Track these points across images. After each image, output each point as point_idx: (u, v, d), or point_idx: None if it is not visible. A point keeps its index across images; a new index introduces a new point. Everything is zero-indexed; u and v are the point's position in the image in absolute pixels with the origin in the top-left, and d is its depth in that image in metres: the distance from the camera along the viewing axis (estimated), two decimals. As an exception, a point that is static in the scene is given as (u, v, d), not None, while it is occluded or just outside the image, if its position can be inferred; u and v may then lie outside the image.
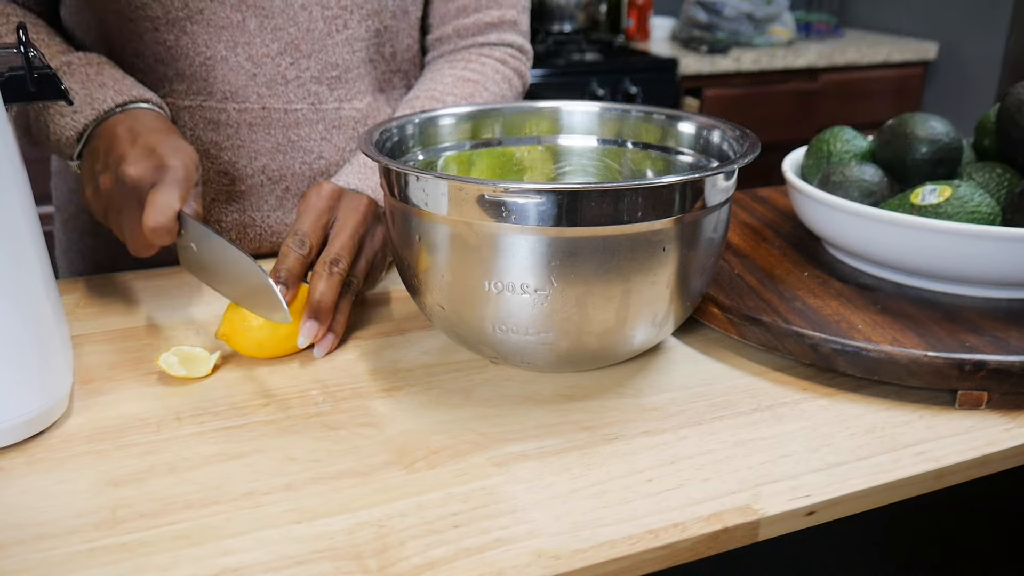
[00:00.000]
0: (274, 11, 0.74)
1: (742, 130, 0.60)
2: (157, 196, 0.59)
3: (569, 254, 0.50)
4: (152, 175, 0.61)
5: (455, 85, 0.81)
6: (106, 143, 0.64)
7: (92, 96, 0.67)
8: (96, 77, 0.68)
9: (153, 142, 0.63)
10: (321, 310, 0.60)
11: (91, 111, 0.67)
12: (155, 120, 0.66)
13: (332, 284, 0.61)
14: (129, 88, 0.69)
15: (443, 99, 0.79)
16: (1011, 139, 0.69)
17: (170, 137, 0.64)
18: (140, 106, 0.68)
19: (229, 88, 0.76)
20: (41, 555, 0.42)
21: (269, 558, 0.42)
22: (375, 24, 0.79)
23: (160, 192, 0.60)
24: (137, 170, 0.61)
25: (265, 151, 0.79)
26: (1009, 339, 0.57)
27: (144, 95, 0.69)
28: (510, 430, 0.53)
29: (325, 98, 0.79)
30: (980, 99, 2.41)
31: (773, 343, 0.59)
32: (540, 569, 0.41)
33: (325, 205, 0.65)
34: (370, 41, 0.80)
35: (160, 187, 0.60)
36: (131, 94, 0.68)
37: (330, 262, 0.62)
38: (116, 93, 0.68)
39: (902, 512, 0.53)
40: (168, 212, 0.59)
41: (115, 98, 0.67)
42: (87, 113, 0.67)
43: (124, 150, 0.62)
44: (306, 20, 0.75)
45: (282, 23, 0.75)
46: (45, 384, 0.51)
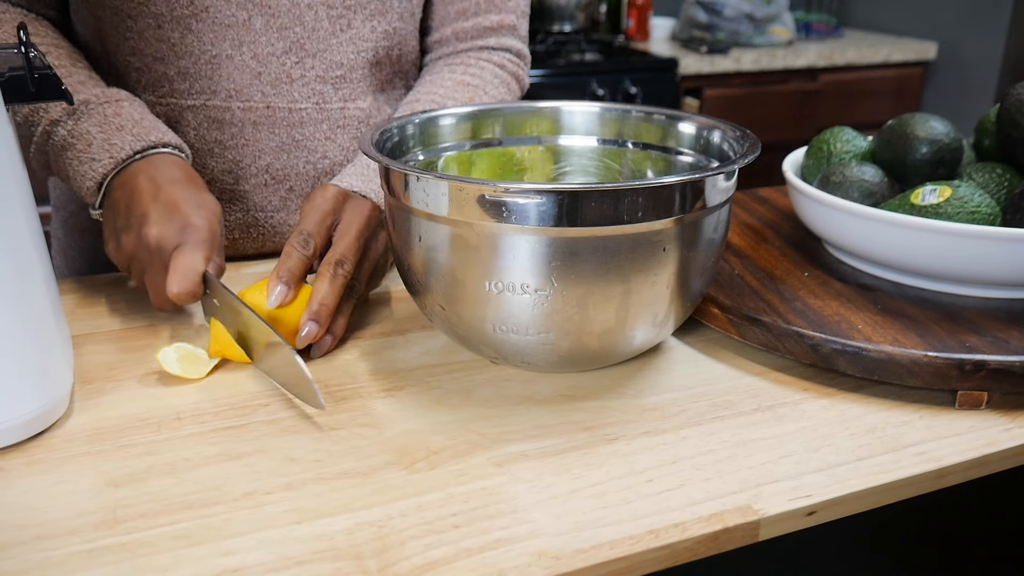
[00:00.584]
0: (280, 10, 0.74)
1: (742, 130, 0.60)
2: (181, 260, 0.59)
3: (569, 254, 0.50)
4: (175, 236, 0.60)
5: (455, 89, 0.81)
6: (127, 197, 0.63)
7: (110, 142, 0.66)
8: (114, 119, 0.67)
9: (176, 197, 0.62)
10: (323, 313, 0.60)
11: (109, 160, 0.65)
12: (176, 169, 0.65)
13: (335, 287, 0.61)
14: (148, 131, 0.67)
15: (443, 103, 0.79)
16: (1011, 139, 0.69)
17: (192, 191, 0.64)
18: (160, 152, 0.67)
19: (234, 87, 0.76)
20: (41, 555, 0.42)
21: (269, 558, 0.42)
22: (382, 25, 0.79)
23: (184, 255, 0.59)
24: (160, 231, 0.60)
25: (269, 150, 0.79)
26: (1009, 339, 0.57)
27: (163, 138, 0.68)
28: (510, 430, 0.53)
29: (330, 98, 0.79)
30: (980, 99, 2.41)
31: (773, 343, 0.59)
32: (540, 569, 0.41)
33: (330, 207, 0.65)
34: (378, 43, 0.80)
35: (184, 250, 0.59)
36: (150, 139, 0.67)
37: (335, 263, 0.62)
38: (134, 139, 0.66)
39: (902, 512, 0.53)
40: (193, 277, 0.59)
41: (133, 144, 0.66)
42: (105, 162, 0.65)
43: (146, 208, 0.62)
44: (312, 19, 0.76)
45: (288, 22, 0.75)
46: (45, 384, 0.51)
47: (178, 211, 0.61)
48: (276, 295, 0.60)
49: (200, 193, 0.64)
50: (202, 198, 0.63)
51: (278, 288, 0.60)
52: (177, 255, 0.59)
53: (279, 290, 0.60)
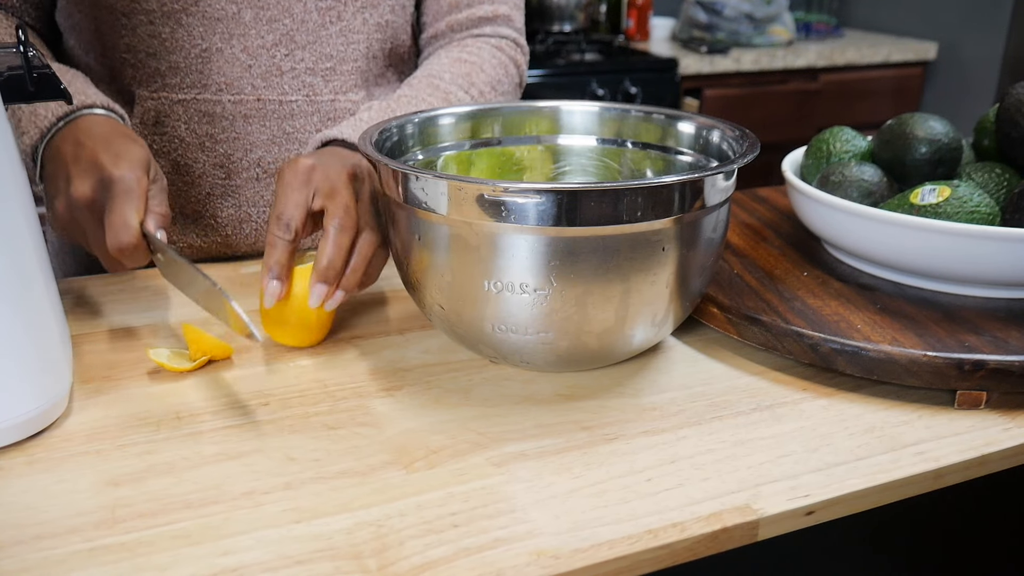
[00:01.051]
0: (269, 2, 0.75)
1: (741, 130, 0.60)
2: (112, 217, 0.57)
3: (569, 254, 0.50)
4: (101, 193, 0.59)
5: (452, 65, 0.81)
6: (54, 166, 0.62)
7: (36, 113, 0.65)
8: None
9: (96, 152, 0.60)
10: (330, 273, 0.58)
11: (35, 130, 0.65)
12: (99, 125, 0.64)
13: (340, 244, 0.59)
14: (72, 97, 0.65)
15: (441, 75, 0.79)
16: (1010, 139, 0.69)
17: (112, 142, 0.61)
18: (85, 113, 0.65)
19: (224, 80, 0.76)
20: (40, 554, 0.42)
21: (268, 558, 0.42)
22: (374, 18, 0.79)
23: (114, 212, 0.57)
24: (84, 190, 0.59)
25: (260, 143, 0.79)
26: (1008, 339, 0.57)
27: (87, 100, 0.66)
28: (510, 430, 0.53)
29: (320, 90, 0.79)
30: (980, 99, 2.41)
31: (773, 343, 0.59)
32: (539, 569, 0.41)
33: (302, 179, 0.61)
34: (370, 35, 0.80)
35: (113, 205, 0.57)
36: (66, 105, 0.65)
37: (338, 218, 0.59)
38: (57, 105, 0.65)
39: (902, 512, 0.53)
40: (129, 230, 0.57)
41: (56, 111, 0.65)
42: (32, 133, 0.65)
43: (68, 170, 0.60)
44: (301, 11, 0.76)
45: (277, 14, 0.75)
46: (45, 384, 0.51)
47: (97, 166, 0.59)
48: (270, 293, 0.58)
49: (124, 144, 0.61)
50: (123, 148, 0.61)
51: (271, 284, 0.58)
52: (108, 211, 0.58)
53: (272, 287, 0.58)
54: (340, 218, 0.59)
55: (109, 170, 0.59)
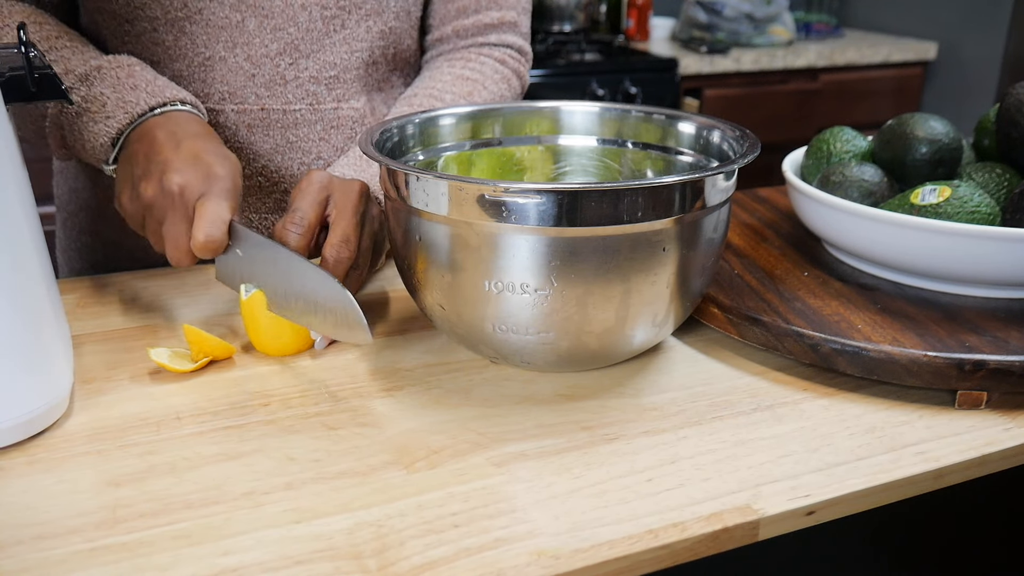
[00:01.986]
0: (274, 11, 0.74)
1: (742, 130, 0.60)
2: (207, 207, 0.58)
3: (569, 254, 0.50)
4: (200, 184, 0.59)
5: (454, 83, 0.81)
6: (146, 147, 0.62)
7: (124, 100, 0.65)
8: (127, 80, 0.67)
9: (198, 148, 0.61)
10: None
11: (124, 115, 0.65)
12: (194, 124, 0.65)
13: (340, 270, 0.60)
14: (162, 89, 0.67)
15: (442, 97, 0.79)
16: (1011, 139, 0.69)
17: (213, 143, 0.63)
18: (177, 107, 0.66)
19: (227, 89, 0.76)
20: (41, 555, 0.42)
21: (269, 558, 0.42)
22: (378, 25, 0.79)
23: (210, 203, 0.58)
24: (184, 178, 0.59)
25: (264, 152, 0.78)
26: (1009, 339, 0.57)
27: (178, 95, 0.67)
28: (510, 430, 0.53)
29: (323, 98, 0.79)
30: (980, 99, 2.41)
31: (773, 343, 0.59)
32: (540, 569, 0.41)
33: (319, 186, 0.63)
34: (373, 43, 0.79)
35: (210, 198, 0.58)
36: (165, 95, 0.66)
37: (337, 245, 0.61)
38: (149, 95, 0.66)
39: (902, 512, 0.53)
40: (221, 225, 0.58)
41: (148, 100, 0.65)
42: (120, 117, 0.65)
43: (168, 156, 0.61)
44: (306, 20, 0.75)
45: (282, 23, 0.75)
46: (45, 384, 0.51)
47: (201, 160, 0.60)
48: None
49: (220, 146, 0.63)
50: (223, 150, 0.63)
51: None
52: (203, 203, 0.58)
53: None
54: (338, 248, 0.61)
55: (214, 167, 0.60)
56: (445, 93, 0.79)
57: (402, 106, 0.79)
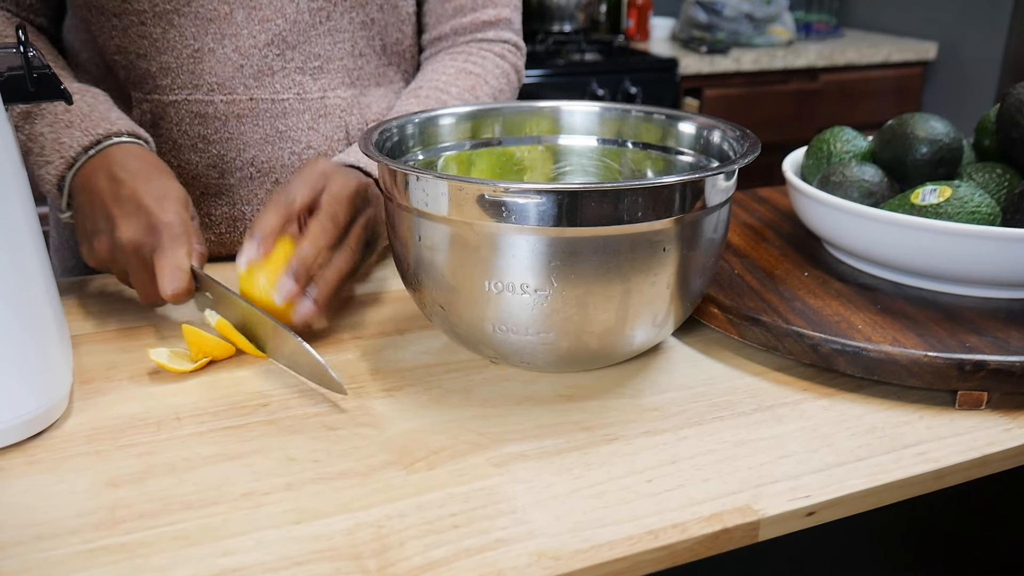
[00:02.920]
0: (261, 3, 0.75)
1: (742, 130, 0.60)
2: (164, 261, 0.58)
3: (569, 254, 0.50)
4: (148, 237, 0.59)
5: (457, 77, 0.82)
6: (88, 200, 0.62)
7: (59, 141, 0.65)
8: (63, 116, 0.66)
9: (139, 194, 0.60)
10: (300, 271, 0.58)
11: (60, 160, 0.64)
12: (133, 159, 0.64)
13: (317, 245, 0.59)
14: (96, 124, 0.66)
15: (447, 89, 0.80)
16: (1011, 139, 0.69)
17: (153, 182, 0.62)
18: (113, 143, 0.65)
19: (216, 80, 0.76)
20: (40, 555, 0.42)
21: (268, 558, 0.42)
22: (360, 16, 0.80)
23: (165, 256, 0.58)
24: (131, 234, 0.59)
25: (254, 142, 0.79)
26: (1009, 339, 0.57)
27: (113, 128, 0.66)
28: (510, 430, 0.53)
29: (309, 88, 0.79)
30: (980, 99, 2.41)
31: (773, 343, 0.59)
32: (540, 569, 0.41)
33: (319, 172, 0.63)
34: (356, 33, 0.80)
35: (164, 251, 0.58)
36: (98, 132, 0.65)
37: (322, 218, 0.60)
38: (83, 134, 0.65)
39: (902, 512, 0.53)
40: (182, 275, 0.58)
41: (81, 140, 0.64)
42: (57, 164, 0.65)
43: (110, 211, 0.60)
44: (293, 12, 0.76)
45: (270, 14, 0.75)
46: (45, 384, 0.51)
47: (143, 209, 0.60)
48: (246, 252, 0.59)
49: (162, 182, 0.62)
50: (165, 187, 0.61)
51: (249, 245, 0.59)
52: (159, 257, 0.58)
53: (249, 247, 0.59)
54: (322, 220, 0.60)
55: (157, 215, 0.59)
56: (450, 86, 0.80)
57: (408, 99, 0.80)
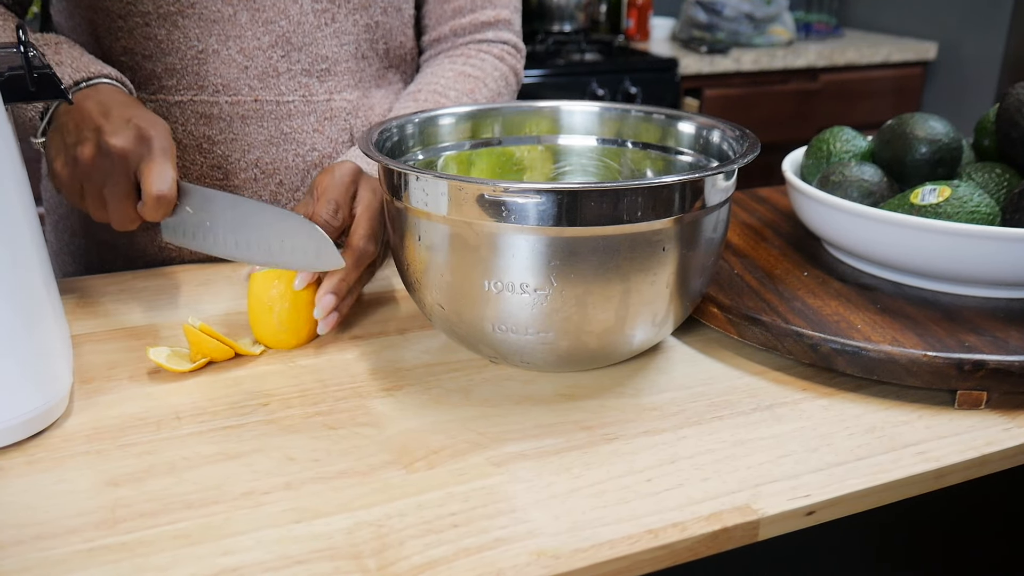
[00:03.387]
0: (265, 4, 0.75)
1: (742, 130, 0.60)
2: (153, 167, 0.60)
3: (569, 254, 0.50)
4: (137, 145, 0.61)
5: (456, 80, 0.82)
6: (76, 117, 0.63)
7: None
8: (53, 56, 0.68)
9: (128, 114, 0.62)
10: (342, 288, 0.62)
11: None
12: (120, 95, 0.66)
13: (359, 267, 0.63)
14: (87, 65, 0.68)
15: (445, 93, 0.80)
16: (1011, 139, 0.69)
17: (142, 109, 0.64)
18: (102, 81, 0.67)
19: (221, 81, 0.76)
20: (40, 554, 0.42)
21: (268, 558, 0.42)
22: (364, 19, 0.80)
23: (155, 163, 0.60)
24: (121, 140, 0.60)
25: (258, 144, 0.79)
26: (1008, 339, 0.57)
27: (103, 71, 0.68)
28: (510, 430, 0.53)
29: (315, 90, 0.80)
30: (980, 99, 2.41)
31: (773, 343, 0.59)
32: (539, 569, 0.41)
33: (349, 180, 0.66)
34: (360, 36, 0.80)
35: (152, 158, 0.60)
36: (89, 71, 0.67)
37: (366, 237, 0.63)
38: (74, 71, 0.67)
39: (902, 512, 0.53)
40: (170, 182, 0.60)
41: (73, 75, 0.67)
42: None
43: (100, 122, 0.62)
44: (297, 13, 0.76)
45: (273, 16, 0.75)
46: (45, 384, 0.51)
47: (133, 124, 0.61)
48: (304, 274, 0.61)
49: (148, 111, 0.64)
50: (152, 115, 0.64)
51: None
52: (147, 164, 0.60)
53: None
54: (366, 243, 0.63)
55: (147, 129, 0.61)
56: (449, 90, 0.80)
57: (406, 101, 0.80)
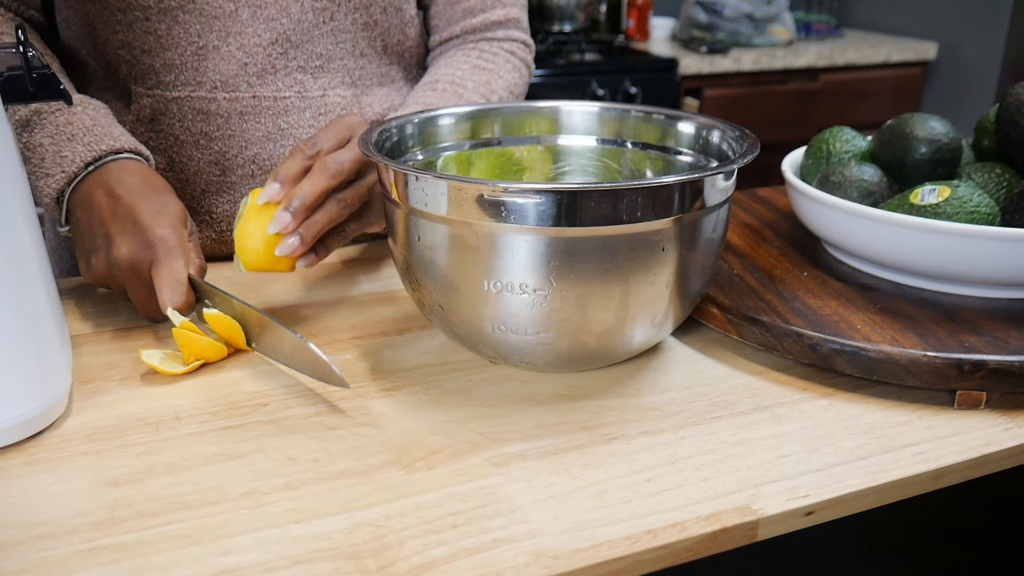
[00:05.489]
0: (266, 1, 0.75)
1: (741, 130, 0.60)
2: (162, 275, 0.60)
3: (568, 254, 0.50)
4: (145, 252, 0.61)
5: (472, 72, 0.83)
6: (87, 216, 0.64)
7: (61, 155, 0.66)
8: (65, 128, 0.67)
9: (135, 210, 0.62)
10: (299, 208, 0.61)
11: (61, 175, 0.66)
12: (132, 176, 0.65)
13: (318, 185, 0.62)
14: (99, 140, 0.67)
15: (463, 83, 0.81)
16: (1010, 139, 0.69)
17: (151, 197, 0.63)
18: (115, 159, 0.67)
19: (220, 77, 0.76)
20: (40, 555, 0.42)
21: (268, 558, 0.42)
22: (363, 17, 0.80)
23: (163, 270, 0.60)
24: (127, 251, 0.61)
25: (255, 140, 0.79)
26: (1008, 339, 0.57)
27: (115, 145, 0.67)
28: (509, 430, 0.53)
29: (310, 87, 0.80)
30: (980, 99, 2.41)
31: (772, 343, 0.59)
32: (539, 569, 0.41)
33: (346, 125, 0.66)
34: (358, 34, 0.81)
35: (161, 264, 0.60)
36: (100, 147, 0.66)
37: (328, 161, 0.62)
38: (85, 149, 0.66)
39: (901, 512, 0.53)
40: (180, 288, 0.59)
41: (84, 156, 0.66)
42: (58, 177, 0.66)
43: (108, 228, 0.62)
44: (298, 11, 0.76)
45: (275, 13, 0.76)
46: (44, 384, 0.51)
47: (139, 225, 0.61)
48: (266, 191, 0.62)
49: (160, 197, 0.64)
50: (162, 202, 0.63)
51: (271, 185, 0.62)
52: (156, 271, 0.60)
53: (272, 187, 0.62)
54: (331, 166, 0.62)
55: (153, 230, 0.61)
56: (466, 80, 0.82)
57: (424, 91, 0.81)
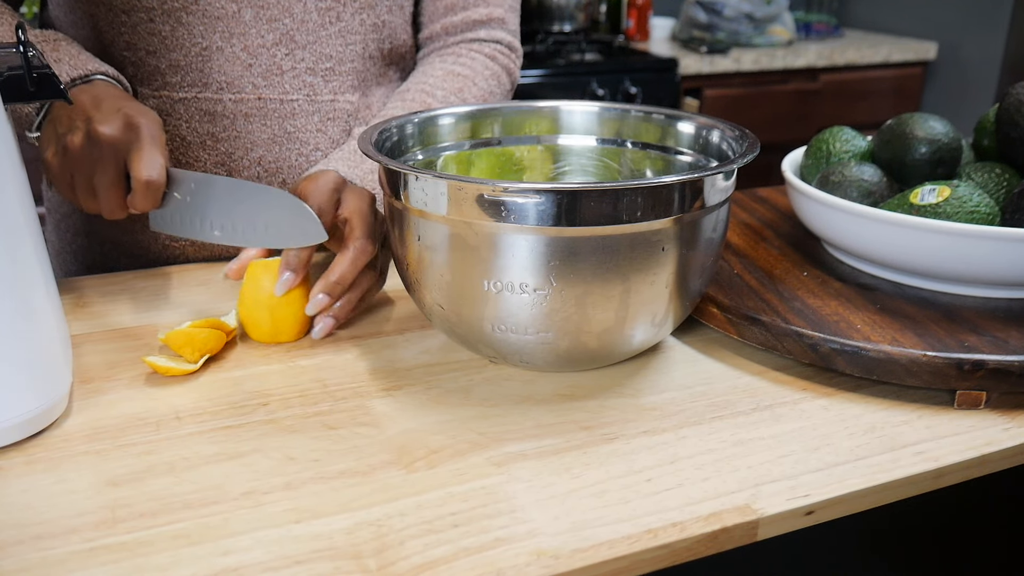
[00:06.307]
0: (269, 2, 0.75)
1: (741, 130, 0.60)
2: (142, 154, 0.60)
3: (568, 254, 0.50)
4: (125, 134, 0.61)
5: (445, 79, 0.82)
6: (69, 109, 0.64)
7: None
8: (52, 54, 0.68)
9: (118, 105, 0.63)
10: (336, 289, 0.62)
11: None
12: (115, 90, 0.67)
13: (356, 265, 0.63)
14: (85, 62, 0.69)
15: (433, 92, 0.80)
16: (1010, 139, 0.69)
17: (133, 102, 0.65)
18: (98, 78, 0.68)
19: (225, 79, 0.76)
20: (40, 555, 0.42)
21: (268, 558, 0.42)
22: (371, 18, 0.80)
23: (144, 151, 0.60)
24: (110, 128, 0.61)
25: (261, 142, 0.79)
26: (1008, 339, 0.57)
27: (100, 68, 0.69)
28: (509, 430, 0.53)
29: (320, 90, 0.80)
30: (980, 99, 2.41)
31: (772, 343, 0.59)
32: (539, 569, 0.41)
33: (332, 187, 0.65)
34: (367, 35, 0.80)
35: (142, 144, 0.61)
36: (87, 68, 0.68)
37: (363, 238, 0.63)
38: (71, 68, 0.68)
39: (901, 512, 0.53)
40: (159, 168, 0.60)
41: (70, 72, 0.67)
42: None
43: (90, 112, 0.62)
44: (301, 11, 0.76)
45: (277, 14, 0.76)
46: (44, 384, 0.51)
47: (122, 113, 0.62)
48: (283, 282, 0.62)
49: (140, 104, 0.65)
50: (143, 106, 0.64)
51: (285, 275, 0.62)
52: (136, 151, 0.60)
53: (286, 277, 0.62)
54: (363, 242, 0.63)
55: (137, 118, 0.62)
56: (436, 89, 0.80)
57: (395, 101, 0.80)
